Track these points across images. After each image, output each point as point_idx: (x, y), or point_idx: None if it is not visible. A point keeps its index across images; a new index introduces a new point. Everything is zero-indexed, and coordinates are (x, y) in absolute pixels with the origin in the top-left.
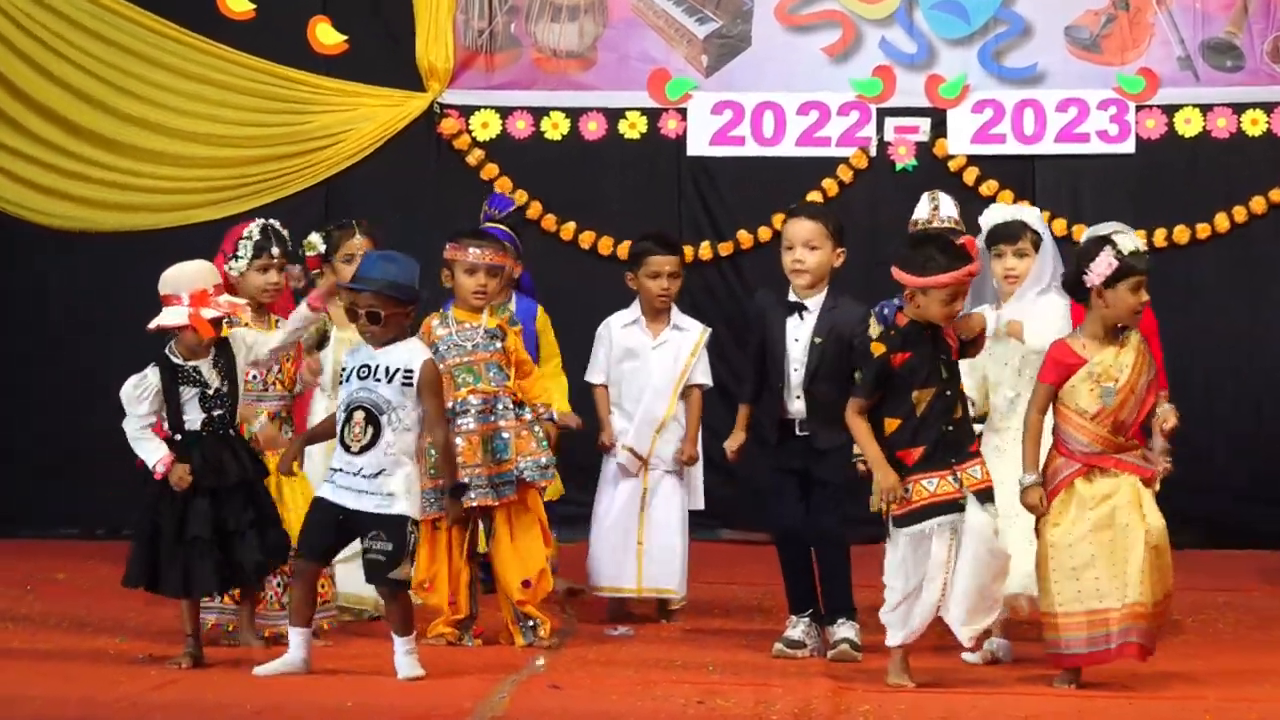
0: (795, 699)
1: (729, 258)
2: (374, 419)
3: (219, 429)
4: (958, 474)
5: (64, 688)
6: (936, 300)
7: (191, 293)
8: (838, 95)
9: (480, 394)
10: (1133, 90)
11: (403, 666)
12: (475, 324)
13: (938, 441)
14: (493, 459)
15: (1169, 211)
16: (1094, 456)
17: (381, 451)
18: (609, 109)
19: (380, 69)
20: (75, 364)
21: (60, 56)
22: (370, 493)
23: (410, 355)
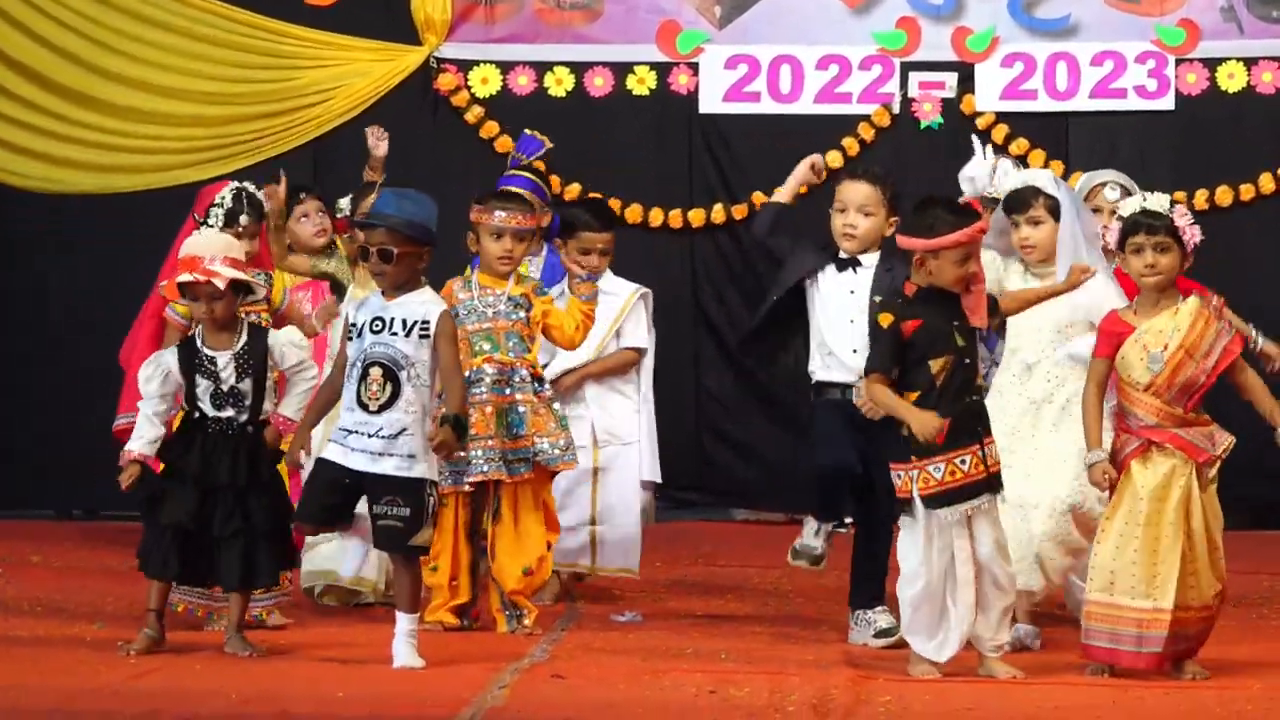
0: (813, 689)
1: (742, 221)
2: (393, 375)
3: (227, 428)
4: (986, 451)
5: (41, 677)
6: (949, 262)
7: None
8: (859, 49)
9: (497, 364)
10: (1172, 42)
11: (400, 653)
12: (500, 290)
13: (963, 413)
14: (507, 433)
15: (1211, 172)
16: (1152, 430)
17: (402, 410)
18: (616, 63)
19: (373, 22)
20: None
21: (36, 9)
22: (390, 454)
23: (426, 306)
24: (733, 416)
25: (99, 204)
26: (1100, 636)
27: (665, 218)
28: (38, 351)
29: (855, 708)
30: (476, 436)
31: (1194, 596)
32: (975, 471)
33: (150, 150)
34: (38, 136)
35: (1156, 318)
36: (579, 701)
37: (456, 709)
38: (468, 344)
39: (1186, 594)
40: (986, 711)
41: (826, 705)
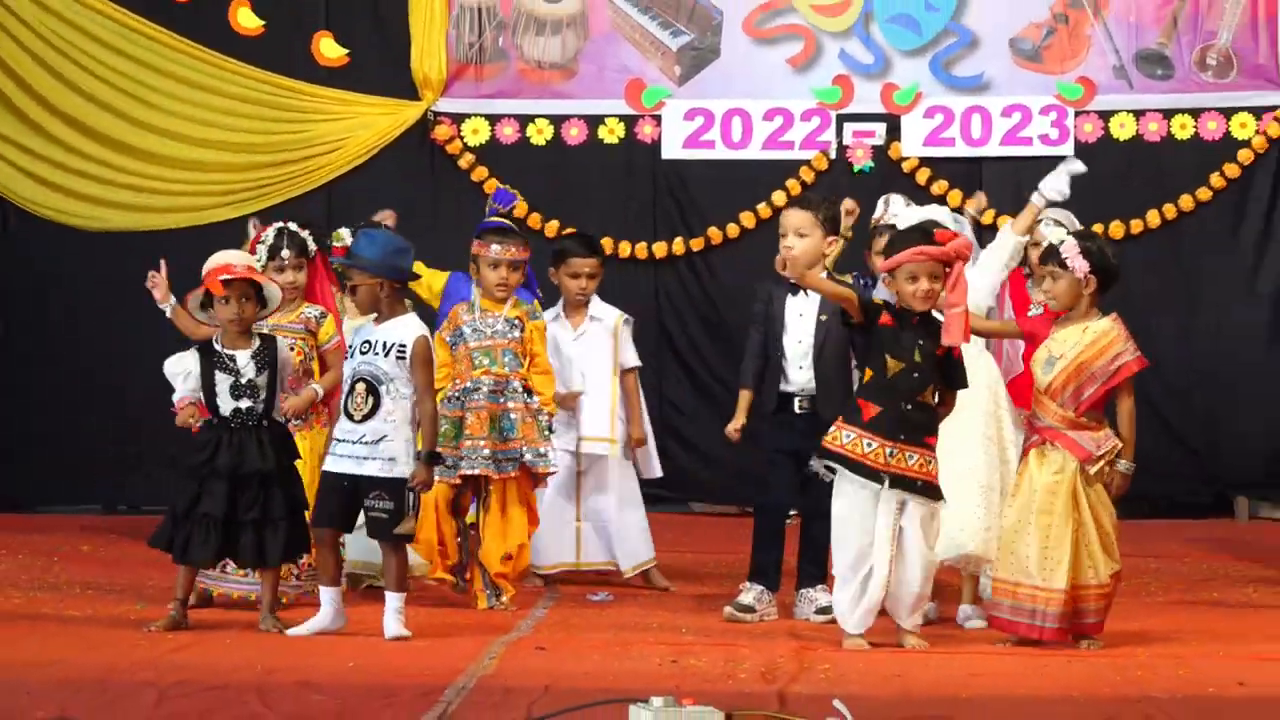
0: (761, 658)
1: (700, 253)
2: (374, 389)
3: (248, 420)
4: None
5: (88, 651)
6: (900, 279)
7: (213, 268)
8: (800, 102)
9: (493, 376)
10: (1071, 97)
11: (390, 626)
12: (497, 313)
13: (894, 412)
14: (499, 436)
15: (1105, 209)
16: (1046, 429)
17: (382, 419)
18: (589, 116)
19: (378, 80)
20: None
21: (82, 68)
22: (372, 458)
23: (405, 331)
24: (691, 423)
25: (135, 240)
26: (1003, 609)
27: (633, 250)
28: (89, 368)
29: (798, 674)
30: (471, 436)
31: (1091, 577)
32: (876, 459)
33: (181, 193)
34: (80, 179)
35: (1068, 329)
36: (558, 670)
37: (452, 677)
38: (469, 359)
39: (1084, 574)
40: (911, 678)
41: (773, 672)
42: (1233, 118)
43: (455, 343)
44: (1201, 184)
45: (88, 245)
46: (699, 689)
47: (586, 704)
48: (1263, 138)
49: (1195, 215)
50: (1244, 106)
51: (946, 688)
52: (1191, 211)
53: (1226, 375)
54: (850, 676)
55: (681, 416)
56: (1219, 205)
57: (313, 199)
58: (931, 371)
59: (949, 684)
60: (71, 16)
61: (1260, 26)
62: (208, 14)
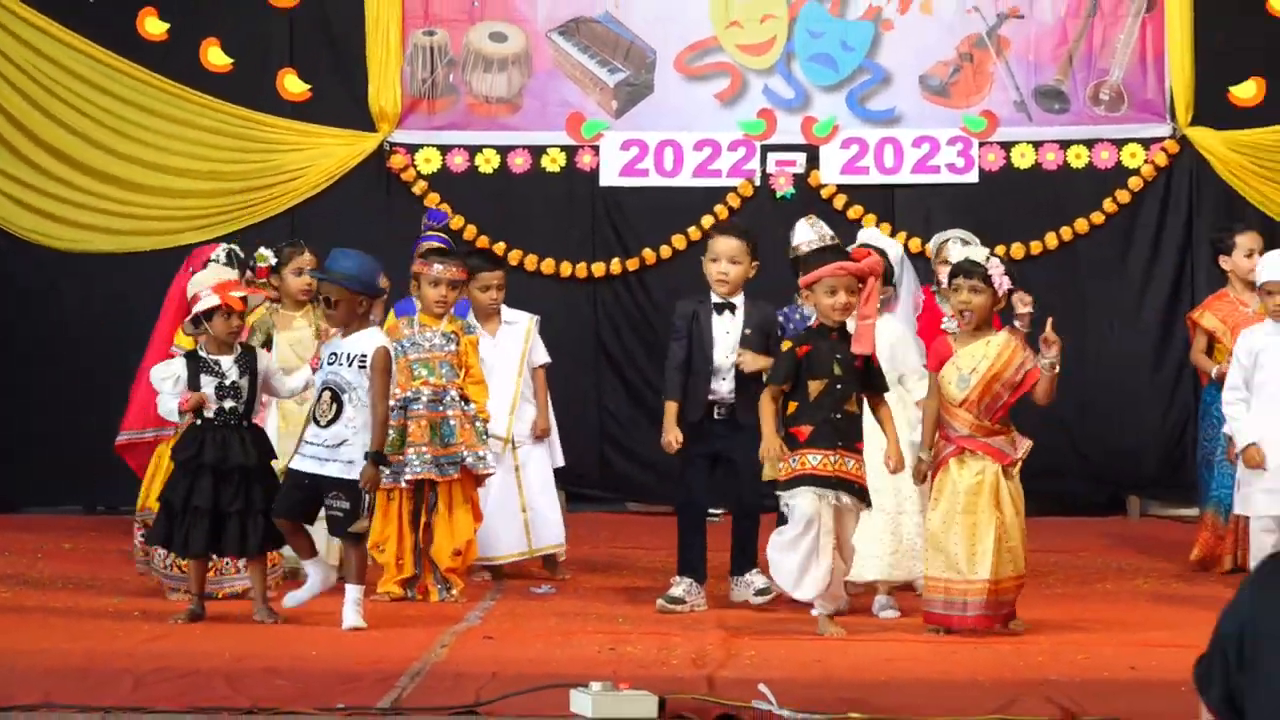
0: (692, 646)
1: (635, 273)
2: (338, 397)
3: (231, 419)
4: (837, 458)
5: (69, 641)
6: (820, 293)
7: (216, 285)
8: (727, 134)
9: (431, 386)
10: (976, 129)
11: (348, 616)
12: (435, 328)
13: (825, 424)
14: (440, 442)
15: (1007, 232)
16: (965, 439)
17: (344, 424)
18: (533, 146)
19: (338, 113)
20: (75, 365)
21: (67, 104)
22: (333, 460)
23: (367, 342)
24: (626, 430)
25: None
26: (937, 605)
27: (573, 270)
28: (71, 378)
29: (726, 660)
30: (414, 443)
31: (1011, 569)
32: (823, 468)
33: (157, 217)
34: (64, 206)
35: (972, 345)
36: (504, 657)
37: (407, 664)
38: (409, 370)
39: (1004, 568)
40: (830, 663)
41: (703, 659)
42: (1123, 148)
43: (395, 355)
44: (1095, 209)
45: (71, 265)
46: (634, 674)
47: (531, 689)
48: (1151, 166)
49: (1089, 238)
50: (1134, 138)
51: (863, 672)
52: (1086, 234)
53: (1118, 388)
54: (774, 662)
55: (617, 423)
56: (1111, 229)
57: (277, 223)
58: (853, 381)
59: (865, 669)
60: (57, 56)
61: (1149, 65)
62: (181, 53)
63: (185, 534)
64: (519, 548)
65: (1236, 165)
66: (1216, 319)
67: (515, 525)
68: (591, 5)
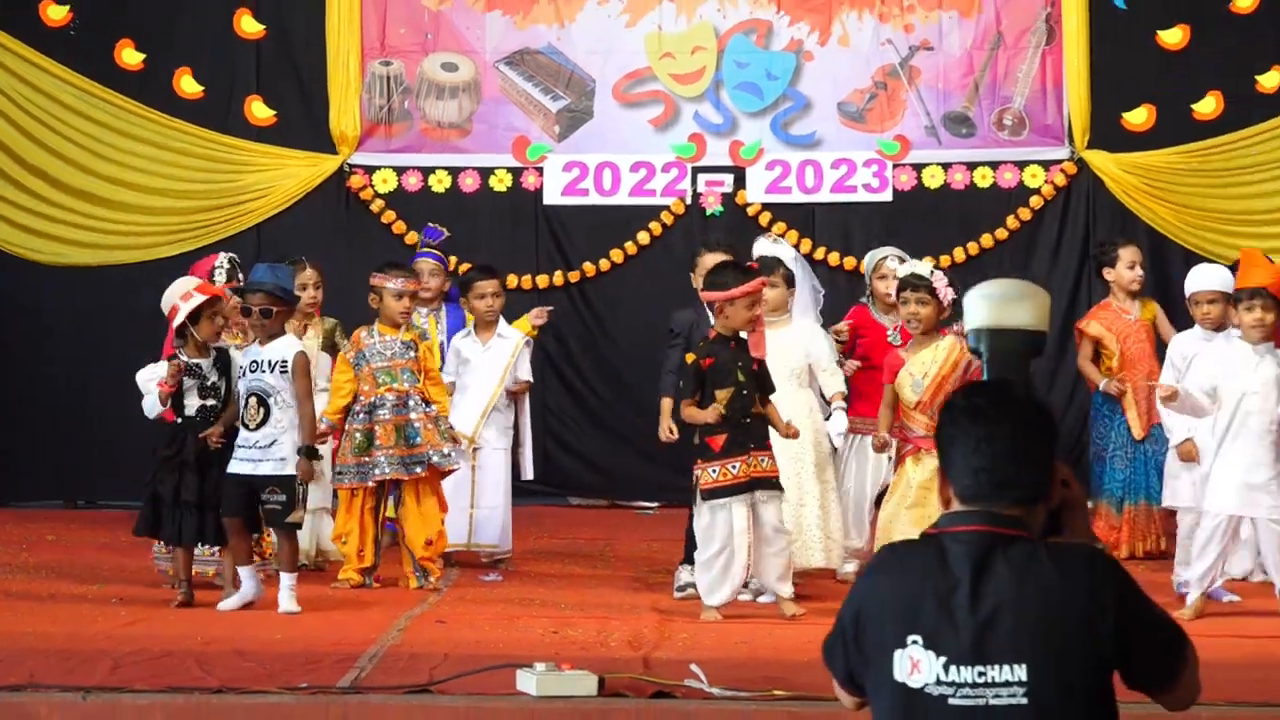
0: (629, 629)
1: (576, 284)
2: (264, 402)
3: (209, 416)
4: (751, 460)
5: (53, 625)
6: (740, 308)
7: (185, 292)
8: (661, 156)
9: (395, 391)
10: (890, 152)
11: (284, 601)
12: (394, 336)
13: (737, 429)
14: (405, 443)
15: (918, 247)
16: (921, 439)
17: (273, 426)
18: (482, 168)
19: (300, 136)
20: (57, 370)
21: (50, 129)
22: (266, 459)
23: (286, 348)
24: (568, 428)
25: (90, 272)
26: None
27: (519, 282)
28: (54, 383)
29: (660, 642)
30: (382, 446)
31: None
32: (742, 474)
33: (132, 233)
34: (46, 222)
35: (922, 352)
36: (456, 640)
37: (365, 646)
38: (373, 377)
39: None
40: (756, 645)
41: (639, 641)
42: (1025, 169)
43: (359, 364)
44: (999, 226)
45: (53, 277)
46: (576, 656)
47: (480, 669)
48: (1050, 186)
49: (994, 252)
50: (1035, 160)
51: (786, 654)
52: (991, 249)
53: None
54: (704, 643)
55: (560, 423)
56: (1014, 244)
57: (245, 238)
58: (753, 385)
59: (788, 650)
60: (42, 84)
61: (1048, 93)
62: (156, 81)
63: (178, 526)
64: (459, 539)
65: (1129, 185)
66: (1102, 327)
67: (461, 520)
68: (536, 37)
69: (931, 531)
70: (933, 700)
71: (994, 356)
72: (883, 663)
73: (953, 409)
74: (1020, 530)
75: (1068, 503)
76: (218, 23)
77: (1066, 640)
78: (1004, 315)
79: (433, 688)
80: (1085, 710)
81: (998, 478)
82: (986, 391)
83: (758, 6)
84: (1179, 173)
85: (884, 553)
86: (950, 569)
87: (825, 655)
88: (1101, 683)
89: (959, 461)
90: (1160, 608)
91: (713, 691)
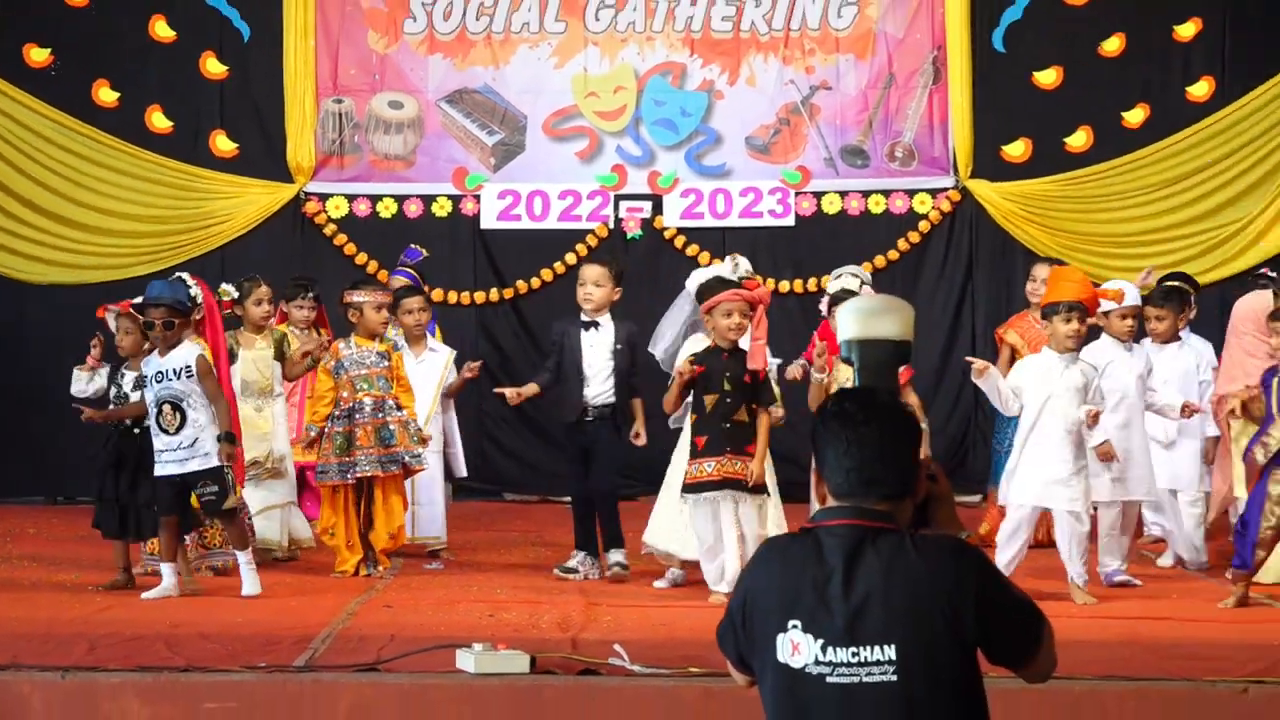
0: (559, 612)
1: (510, 300)
2: (178, 406)
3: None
4: (725, 462)
5: (34, 611)
6: (718, 316)
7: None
8: (586, 185)
9: (373, 397)
10: (792, 181)
11: (246, 580)
12: (369, 347)
13: (717, 434)
14: (382, 445)
15: (818, 266)
16: None
17: (191, 426)
18: (425, 195)
19: (260, 166)
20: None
21: (33, 160)
22: (193, 457)
23: (186, 354)
24: (503, 430)
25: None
26: None
27: (459, 298)
28: (35, 388)
29: (587, 624)
30: (362, 446)
31: None
32: (715, 473)
33: (106, 254)
34: (27, 243)
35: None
36: (401, 623)
37: (319, 628)
38: (351, 384)
39: None
40: (674, 626)
41: (567, 623)
42: (914, 197)
43: (338, 372)
44: (891, 248)
45: (35, 294)
46: (510, 637)
47: (423, 649)
48: (937, 212)
49: (887, 271)
50: (923, 189)
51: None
52: (884, 268)
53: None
54: (627, 626)
55: (496, 425)
56: (904, 264)
57: (210, 259)
58: (740, 395)
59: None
60: (26, 120)
61: (935, 128)
62: (129, 117)
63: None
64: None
65: (1008, 211)
66: (1017, 335)
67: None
68: (473, 78)
69: (809, 525)
70: (812, 679)
71: (864, 365)
72: (767, 646)
73: (825, 414)
74: (888, 523)
75: (935, 496)
76: (185, 65)
77: (931, 623)
78: (871, 328)
79: (380, 666)
80: (950, 685)
81: (866, 476)
82: (855, 398)
83: (673, 50)
84: (1053, 200)
85: (766, 545)
86: (825, 559)
87: (719, 641)
88: (965, 660)
89: (831, 462)
90: (1019, 591)
91: (634, 669)
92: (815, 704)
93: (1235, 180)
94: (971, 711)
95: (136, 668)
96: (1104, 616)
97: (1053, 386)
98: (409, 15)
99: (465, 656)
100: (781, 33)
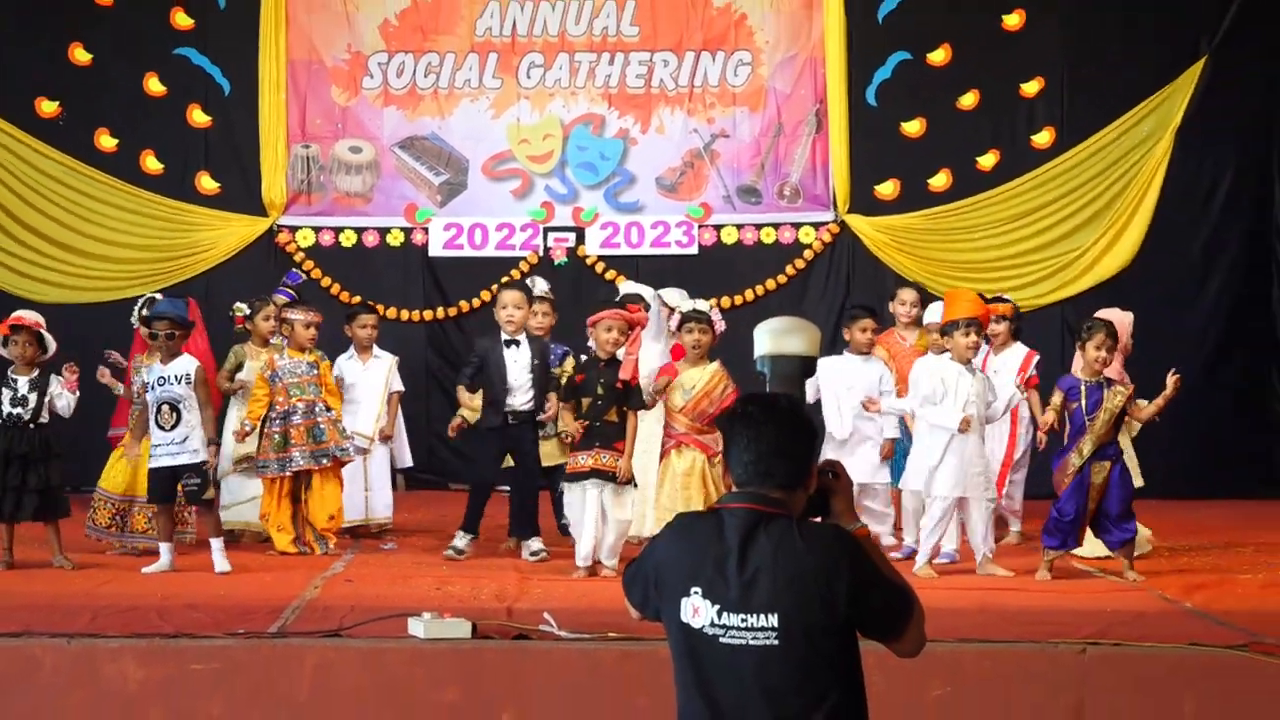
0: (496, 585)
1: (453, 317)
2: (175, 408)
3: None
4: (595, 455)
5: (42, 585)
6: (600, 330)
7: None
8: (519, 219)
9: (305, 401)
10: (696, 215)
11: (218, 562)
12: (301, 358)
13: (591, 431)
14: (314, 441)
15: (718, 289)
16: (682, 435)
17: (184, 426)
18: (381, 228)
19: (239, 202)
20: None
21: (42, 196)
22: (183, 453)
23: (186, 364)
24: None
25: (67, 307)
26: None
27: (409, 316)
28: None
29: (520, 595)
30: (296, 444)
31: None
32: (585, 465)
33: (102, 277)
34: (30, 265)
35: (693, 370)
36: (361, 595)
37: (289, 600)
38: (285, 390)
39: None
40: (595, 597)
41: (503, 595)
42: (800, 229)
43: (274, 379)
44: (780, 273)
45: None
46: (454, 606)
47: (380, 617)
48: (819, 243)
49: (776, 293)
50: (807, 222)
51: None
52: (775, 291)
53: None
54: (555, 596)
55: (442, 425)
56: (791, 287)
57: (195, 282)
58: (611, 399)
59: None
60: (36, 162)
61: (818, 170)
62: (126, 160)
63: (15, 507)
64: (358, 515)
65: (880, 242)
66: (885, 350)
67: (359, 500)
68: (423, 127)
69: (715, 506)
70: (708, 638)
71: (774, 376)
72: (674, 606)
73: (733, 414)
74: (782, 510)
75: (834, 489)
76: (174, 115)
77: (809, 598)
78: (782, 344)
79: (342, 633)
80: (825, 652)
81: (763, 467)
82: (758, 401)
83: (594, 103)
84: (918, 232)
85: (679, 519)
86: (725, 537)
87: (625, 585)
88: (840, 630)
89: (735, 454)
90: (893, 573)
91: (561, 634)
92: (710, 660)
93: (1073, 215)
94: (845, 674)
95: (133, 634)
96: (960, 588)
97: (965, 393)
98: (367, 73)
99: (416, 624)
100: (686, 89)
